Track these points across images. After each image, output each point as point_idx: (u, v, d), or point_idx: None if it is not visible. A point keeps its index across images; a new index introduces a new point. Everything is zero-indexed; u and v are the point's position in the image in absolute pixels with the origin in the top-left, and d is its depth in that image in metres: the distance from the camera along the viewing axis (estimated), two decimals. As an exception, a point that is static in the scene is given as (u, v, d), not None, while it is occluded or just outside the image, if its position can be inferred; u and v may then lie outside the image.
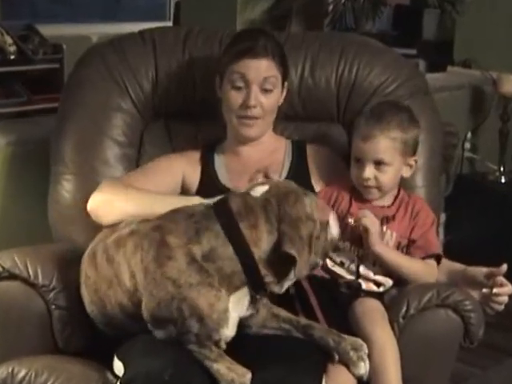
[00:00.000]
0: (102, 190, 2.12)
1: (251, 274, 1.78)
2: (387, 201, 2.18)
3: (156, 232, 1.83)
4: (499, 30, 4.49)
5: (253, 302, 1.85)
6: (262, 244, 1.77)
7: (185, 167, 2.25)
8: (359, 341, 1.89)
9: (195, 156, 2.29)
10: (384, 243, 2.09)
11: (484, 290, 2.06)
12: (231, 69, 2.18)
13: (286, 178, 2.21)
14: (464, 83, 4.35)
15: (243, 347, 1.83)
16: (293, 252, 1.75)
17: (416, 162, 2.20)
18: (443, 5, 4.78)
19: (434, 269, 2.13)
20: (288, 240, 1.75)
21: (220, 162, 2.27)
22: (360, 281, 2.10)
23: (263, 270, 1.78)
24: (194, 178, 2.24)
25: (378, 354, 1.91)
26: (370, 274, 2.11)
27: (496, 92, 4.28)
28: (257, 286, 1.81)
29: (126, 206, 2.01)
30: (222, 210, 1.81)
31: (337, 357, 1.87)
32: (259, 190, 1.84)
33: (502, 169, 4.18)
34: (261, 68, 2.16)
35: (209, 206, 1.85)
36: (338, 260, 2.10)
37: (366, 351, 1.88)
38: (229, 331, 1.80)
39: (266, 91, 2.17)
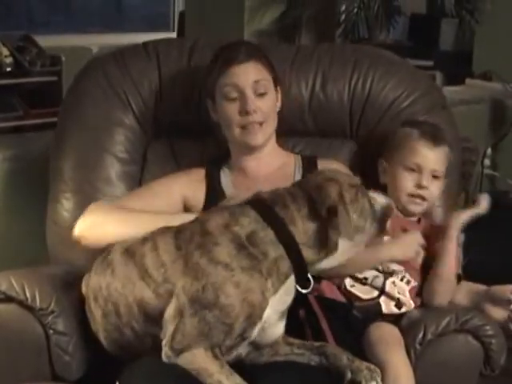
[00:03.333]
0: (90, 213, 2.13)
1: (295, 257, 1.84)
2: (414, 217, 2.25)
3: (193, 224, 1.90)
4: (521, 41, 4.51)
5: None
6: (297, 223, 1.85)
7: (186, 188, 2.26)
8: (373, 365, 1.90)
9: (199, 174, 2.31)
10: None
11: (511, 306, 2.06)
12: (220, 83, 2.22)
13: None
14: (484, 96, 4.36)
15: (253, 377, 1.83)
16: (323, 210, 1.83)
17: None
18: (461, 14, 4.80)
19: (453, 284, 2.15)
20: (319, 203, 1.84)
21: (227, 180, 2.29)
22: (381, 302, 2.11)
23: (305, 251, 1.85)
24: (198, 197, 2.25)
25: (393, 381, 1.92)
26: (395, 292, 2.13)
27: (517, 106, 4.29)
28: (301, 272, 1.86)
29: (118, 226, 2.03)
30: (255, 199, 1.90)
31: (349, 375, 1.88)
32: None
33: (524, 187, 4.18)
34: (249, 72, 2.20)
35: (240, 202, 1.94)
36: (361, 276, 2.12)
37: (380, 375, 1.89)
38: (256, 331, 1.84)
39: (260, 95, 2.21)
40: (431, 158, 2.18)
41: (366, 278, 2.12)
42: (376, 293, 2.12)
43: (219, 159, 2.35)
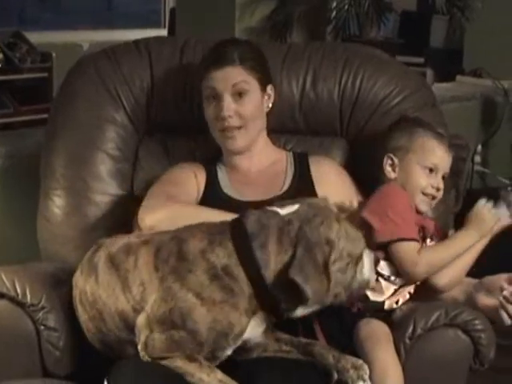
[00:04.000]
0: (162, 207, 2.10)
1: (263, 299, 1.80)
2: None
3: (173, 242, 1.86)
4: (511, 38, 4.52)
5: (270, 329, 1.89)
6: (271, 266, 1.79)
7: (193, 175, 2.28)
8: (360, 360, 1.91)
9: (199, 166, 2.32)
10: None
11: (505, 292, 2.06)
12: (203, 85, 2.24)
13: (290, 188, 2.25)
14: (474, 93, 4.38)
15: (240, 373, 1.84)
16: (297, 278, 1.75)
17: None
18: (452, 11, 4.82)
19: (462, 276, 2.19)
20: (296, 265, 1.75)
21: (222, 174, 2.30)
22: (386, 301, 2.12)
23: (278, 295, 1.80)
24: (201, 185, 2.27)
25: (380, 378, 1.93)
26: (411, 289, 2.16)
27: (508, 103, 4.30)
28: (272, 311, 1.83)
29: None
30: (237, 228, 1.83)
31: (336, 375, 1.88)
32: (288, 209, 1.85)
33: (514, 183, 4.19)
34: (227, 76, 2.20)
35: (225, 221, 1.89)
36: (384, 272, 2.12)
37: (367, 372, 1.89)
38: (229, 351, 1.84)
39: (239, 98, 2.20)
40: (446, 160, 2.24)
41: (388, 276, 2.12)
42: (385, 296, 2.12)
43: (213, 157, 2.35)
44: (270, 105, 2.30)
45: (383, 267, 2.11)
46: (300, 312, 1.85)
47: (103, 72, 2.46)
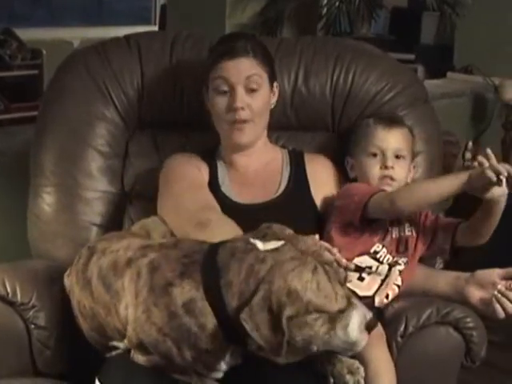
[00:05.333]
0: (218, 221, 2.05)
1: (229, 334, 1.74)
2: None
3: (148, 268, 1.82)
4: (502, 34, 4.53)
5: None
6: (233, 304, 1.71)
7: (198, 168, 2.26)
8: (356, 363, 1.88)
9: (198, 158, 2.29)
10: None
11: (499, 286, 2.05)
12: (213, 75, 2.20)
13: (286, 188, 2.25)
14: (465, 90, 4.39)
15: (236, 377, 1.82)
16: (246, 325, 1.65)
17: (414, 167, 2.30)
18: (442, 7, 4.82)
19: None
20: (248, 310, 1.66)
21: (222, 171, 2.28)
22: (376, 296, 2.10)
23: (244, 332, 1.69)
24: (206, 181, 2.24)
25: (373, 375, 1.92)
26: (398, 281, 2.13)
27: (498, 99, 4.31)
28: (243, 346, 1.75)
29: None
30: (209, 260, 1.77)
31: (332, 380, 1.86)
32: (270, 245, 1.76)
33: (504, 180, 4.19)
34: (241, 67, 2.17)
35: (204, 249, 1.82)
36: (364, 265, 2.11)
37: (363, 374, 1.87)
38: (220, 375, 1.81)
39: (252, 91, 2.18)
40: (390, 138, 2.20)
41: (369, 267, 2.11)
42: (373, 289, 2.10)
43: (210, 151, 2.33)
44: (275, 102, 2.29)
45: (362, 261, 2.10)
46: (281, 360, 1.71)
47: (93, 68, 2.44)
